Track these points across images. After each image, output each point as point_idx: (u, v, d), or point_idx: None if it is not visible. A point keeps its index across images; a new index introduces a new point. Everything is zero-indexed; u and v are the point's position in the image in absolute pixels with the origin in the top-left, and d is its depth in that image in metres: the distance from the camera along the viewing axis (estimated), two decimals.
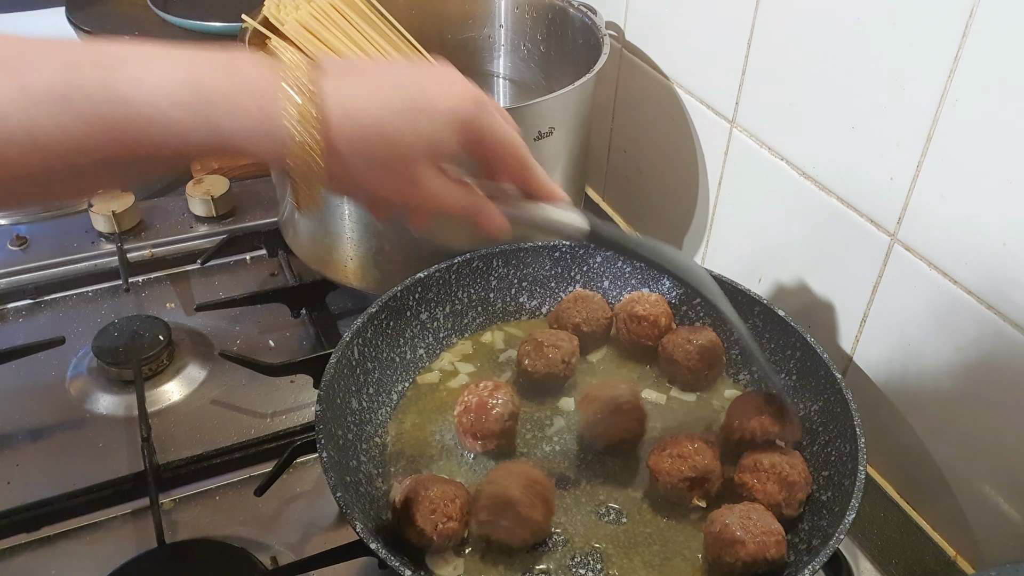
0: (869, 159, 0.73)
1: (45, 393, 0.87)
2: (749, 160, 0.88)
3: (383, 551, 0.59)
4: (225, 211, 1.10)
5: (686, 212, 1.01)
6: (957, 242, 0.67)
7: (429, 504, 0.64)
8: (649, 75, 1.01)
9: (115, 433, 0.83)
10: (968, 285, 0.67)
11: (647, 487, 0.72)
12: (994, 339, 0.66)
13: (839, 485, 0.67)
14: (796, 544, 0.67)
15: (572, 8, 1.00)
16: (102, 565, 0.70)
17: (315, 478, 0.79)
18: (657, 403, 0.79)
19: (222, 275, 1.03)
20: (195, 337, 0.94)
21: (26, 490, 0.76)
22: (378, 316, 0.79)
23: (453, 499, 0.64)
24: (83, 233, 1.07)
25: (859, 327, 0.79)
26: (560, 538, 0.68)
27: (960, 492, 0.73)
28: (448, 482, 0.67)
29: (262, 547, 0.73)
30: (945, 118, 0.65)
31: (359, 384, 0.76)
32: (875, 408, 0.78)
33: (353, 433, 0.72)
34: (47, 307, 0.98)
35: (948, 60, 0.64)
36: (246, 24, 0.90)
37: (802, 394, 0.77)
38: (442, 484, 0.66)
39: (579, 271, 0.89)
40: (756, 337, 0.81)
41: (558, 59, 1.05)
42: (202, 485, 0.78)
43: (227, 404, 0.86)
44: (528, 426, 0.77)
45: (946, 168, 0.67)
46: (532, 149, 0.82)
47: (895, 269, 0.74)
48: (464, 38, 1.10)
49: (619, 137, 1.12)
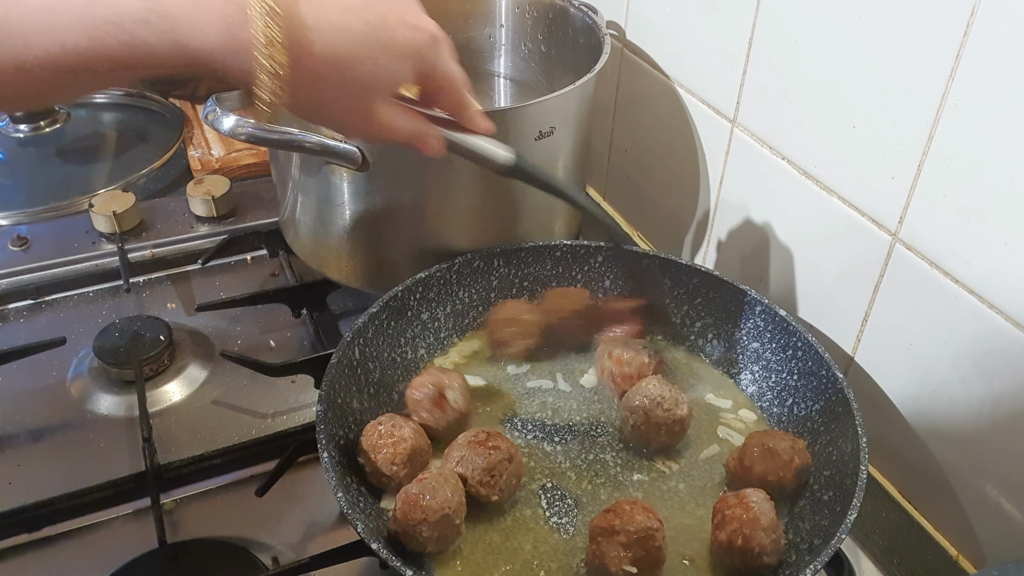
0: (870, 158, 0.73)
1: (46, 393, 0.87)
2: (750, 160, 0.88)
3: (384, 551, 0.59)
4: (226, 211, 1.10)
5: (687, 211, 1.01)
6: (959, 241, 0.67)
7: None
8: (650, 75, 1.01)
9: (116, 433, 0.83)
10: (970, 284, 0.67)
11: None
12: (996, 338, 0.66)
13: (841, 484, 0.67)
14: (797, 544, 0.67)
15: (573, 8, 1.00)
16: (103, 565, 0.70)
17: (316, 478, 0.79)
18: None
19: (223, 275, 1.03)
20: (196, 337, 0.94)
21: (27, 490, 0.76)
22: (379, 316, 0.79)
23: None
24: (84, 233, 1.07)
25: (860, 327, 0.79)
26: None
27: (962, 491, 0.73)
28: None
29: (263, 547, 0.73)
30: (947, 117, 0.65)
31: (360, 384, 0.76)
32: (877, 408, 0.78)
33: (354, 433, 0.72)
34: (48, 307, 0.98)
35: (950, 59, 0.64)
36: None
37: (803, 394, 0.77)
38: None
39: (579, 271, 0.89)
40: (758, 337, 0.81)
41: (559, 59, 1.05)
42: (203, 485, 0.78)
43: (228, 404, 0.86)
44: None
45: (948, 167, 0.67)
46: (533, 149, 0.83)
47: (896, 268, 0.73)
48: (465, 38, 1.10)
49: (620, 137, 1.12)
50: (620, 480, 0.73)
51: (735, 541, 0.63)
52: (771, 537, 0.63)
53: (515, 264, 0.87)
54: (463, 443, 0.69)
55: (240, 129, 0.79)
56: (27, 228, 1.07)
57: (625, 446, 0.76)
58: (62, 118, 1.28)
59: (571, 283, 0.89)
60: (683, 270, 0.85)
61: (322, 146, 0.79)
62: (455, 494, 0.65)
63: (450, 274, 0.84)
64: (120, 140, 1.29)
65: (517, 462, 0.69)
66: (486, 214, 0.87)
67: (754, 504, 0.64)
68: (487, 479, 0.67)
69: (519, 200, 0.88)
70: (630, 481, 0.73)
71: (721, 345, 0.84)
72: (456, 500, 0.65)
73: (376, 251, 0.87)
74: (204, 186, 1.10)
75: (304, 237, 0.93)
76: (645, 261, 0.87)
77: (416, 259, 0.86)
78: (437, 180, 0.83)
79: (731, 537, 0.64)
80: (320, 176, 0.85)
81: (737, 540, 0.63)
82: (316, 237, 0.91)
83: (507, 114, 0.86)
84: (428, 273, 0.83)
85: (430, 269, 0.83)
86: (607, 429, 0.77)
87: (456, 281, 0.85)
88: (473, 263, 0.85)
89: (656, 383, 0.74)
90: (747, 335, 0.82)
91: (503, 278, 0.87)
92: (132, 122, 1.31)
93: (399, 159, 0.80)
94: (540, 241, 0.88)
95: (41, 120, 1.26)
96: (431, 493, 0.63)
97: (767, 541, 0.63)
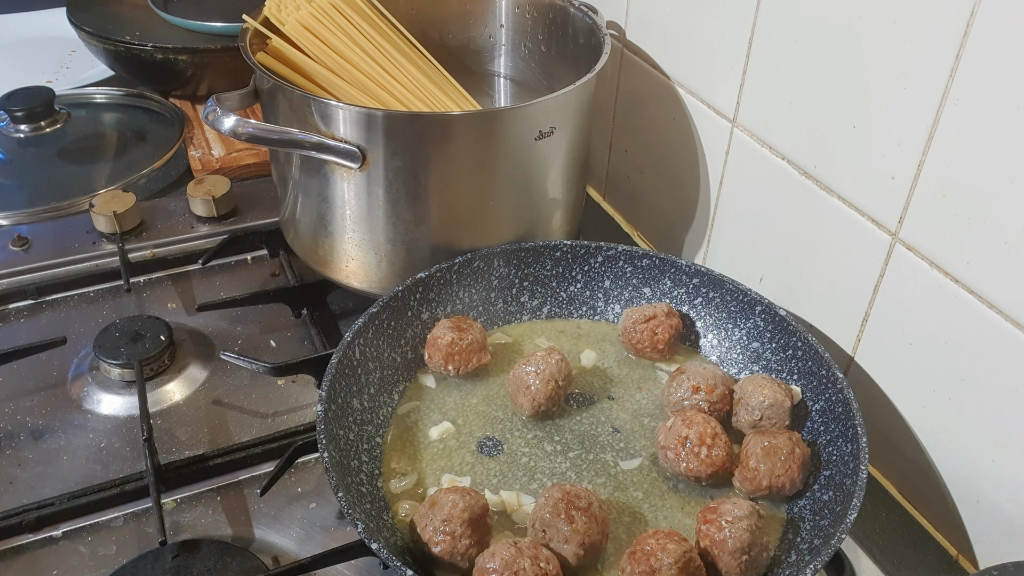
0: (870, 158, 0.73)
1: (47, 393, 0.87)
2: (750, 159, 0.88)
3: (384, 551, 0.59)
4: (226, 211, 1.10)
5: (687, 211, 1.01)
6: (959, 241, 0.67)
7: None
8: (650, 75, 1.01)
9: (117, 433, 0.83)
10: (970, 284, 0.67)
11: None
12: (996, 338, 0.66)
13: (841, 485, 0.67)
14: (798, 544, 0.67)
15: (573, 8, 1.00)
16: (104, 565, 0.70)
17: (317, 478, 0.79)
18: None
19: (223, 275, 1.03)
20: (196, 337, 0.94)
21: (28, 490, 0.76)
22: (379, 316, 0.79)
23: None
24: (84, 233, 1.07)
25: (861, 327, 0.79)
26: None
27: (962, 491, 0.73)
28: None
29: (264, 547, 0.73)
30: (947, 117, 0.65)
31: (360, 384, 0.76)
32: (877, 408, 0.78)
33: (355, 433, 0.72)
34: (48, 307, 0.98)
35: (950, 59, 0.64)
36: (247, 24, 0.91)
37: (804, 394, 0.77)
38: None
39: (580, 271, 0.89)
40: (758, 337, 0.81)
41: (559, 59, 1.05)
42: (204, 485, 0.78)
43: (229, 404, 0.86)
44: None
45: (947, 167, 0.67)
46: (533, 148, 0.83)
47: (896, 268, 0.74)
48: (465, 38, 1.10)
49: (620, 137, 1.12)
50: (620, 480, 0.73)
51: (705, 559, 0.63)
52: (739, 560, 0.62)
53: (515, 264, 0.88)
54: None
55: (240, 129, 0.79)
56: (27, 228, 1.07)
57: (640, 457, 0.76)
58: (62, 118, 1.28)
59: (571, 283, 0.89)
60: (683, 270, 0.86)
61: (322, 146, 0.80)
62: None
63: (450, 274, 0.84)
64: (120, 140, 1.29)
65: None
66: (486, 214, 0.87)
67: (726, 525, 0.63)
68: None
69: (519, 200, 0.88)
70: (630, 481, 0.73)
71: (721, 345, 0.84)
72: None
73: (376, 251, 0.87)
74: (204, 186, 1.10)
75: (304, 237, 0.93)
76: (646, 261, 0.87)
77: (416, 259, 0.87)
78: (437, 180, 0.83)
79: (703, 554, 0.64)
80: (320, 176, 0.85)
81: (707, 558, 0.63)
82: (316, 237, 0.91)
83: (507, 114, 0.86)
84: (428, 273, 0.83)
85: (430, 269, 0.83)
86: (607, 428, 0.77)
87: (456, 281, 0.85)
88: (473, 263, 0.85)
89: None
90: (747, 335, 0.82)
91: (503, 278, 0.87)
92: (132, 122, 1.31)
93: (399, 159, 0.81)
94: (540, 241, 0.88)
95: (41, 120, 1.26)
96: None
97: (733, 564, 0.62)
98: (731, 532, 0.62)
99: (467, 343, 0.79)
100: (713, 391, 0.75)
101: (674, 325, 0.82)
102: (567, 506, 0.64)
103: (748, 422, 0.74)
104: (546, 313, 0.89)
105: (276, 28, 0.91)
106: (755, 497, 0.70)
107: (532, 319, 0.89)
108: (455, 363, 0.79)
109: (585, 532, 0.63)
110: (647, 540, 0.63)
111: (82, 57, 1.44)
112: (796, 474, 0.69)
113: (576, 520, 0.63)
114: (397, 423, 0.77)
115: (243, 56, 0.86)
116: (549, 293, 0.89)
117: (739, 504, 0.64)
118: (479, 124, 0.83)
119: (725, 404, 0.76)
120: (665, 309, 0.83)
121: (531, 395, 0.75)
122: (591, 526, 0.63)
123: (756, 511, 0.64)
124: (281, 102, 0.84)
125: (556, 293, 0.89)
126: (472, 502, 0.64)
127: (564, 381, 0.76)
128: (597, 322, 0.89)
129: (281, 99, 0.84)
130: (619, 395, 0.81)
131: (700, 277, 0.85)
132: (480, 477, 0.73)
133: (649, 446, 0.76)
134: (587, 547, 0.63)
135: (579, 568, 0.64)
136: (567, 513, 0.63)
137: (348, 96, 0.89)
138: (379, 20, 0.95)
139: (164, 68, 1.27)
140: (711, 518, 0.64)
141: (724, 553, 0.62)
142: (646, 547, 0.62)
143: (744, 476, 0.70)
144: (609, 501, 0.71)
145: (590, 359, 0.84)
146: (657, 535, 0.63)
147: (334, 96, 0.90)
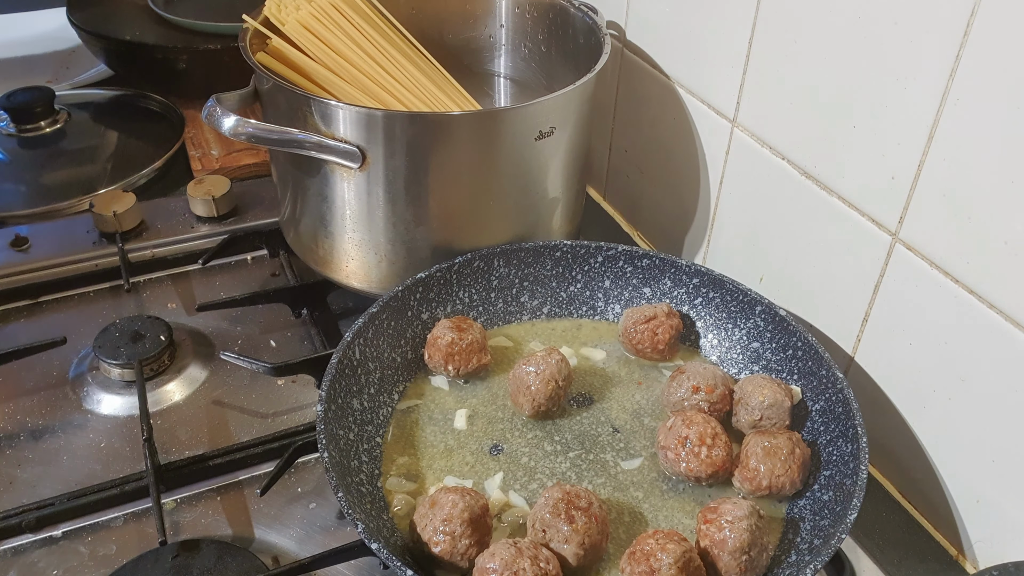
0: (871, 158, 0.73)
1: (47, 393, 0.87)
2: (750, 159, 0.88)
3: (384, 551, 0.59)
4: (226, 211, 1.10)
5: (687, 211, 1.01)
6: (959, 241, 0.67)
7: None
8: (650, 75, 1.01)
9: (117, 433, 0.83)
10: (970, 284, 0.67)
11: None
12: (996, 338, 0.66)
13: (841, 485, 0.67)
14: (798, 544, 0.67)
15: (573, 8, 1.00)
16: (104, 565, 0.71)
17: (317, 478, 0.79)
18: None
19: (223, 275, 1.03)
20: (196, 337, 0.94)
21: (28, 490, 0.76)
22: (379, 316, 0.79)
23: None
24: (84, 233, 1.07)
25: (861, 327, 0.79)
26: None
27: (961, 491, 0.73)
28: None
29: (264, 547, 0.73)
30: (947, 117, 0.65)
31: (360, 384, 0.76)
32: (877, 408, 0.78)
33: (355, 433, 0.72)
34: (48, 307, 0.98)
35: (950, 59, 0.64)
36: (247, 24, 0.91)
37: (804, 394, 0.77)
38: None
39: (580, 271, 0.89)
40: (758, 337, 0.81)
41: (559, 58, 1.05)
42: (204, 485, 0.78)
43: (229, 404, 0.86)
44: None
45: (948, 167, 0.67)
46: (533, 148, 0.83)
47: (897, 268, 0.74)
48: (465, 38, 1.10)
49: (620, 137, 1.12)
50: (620, 480, 0.73)
51: (705, 559, 0.63)
52: (739, 560, 0.62)
53: (515, 264, 0.88)
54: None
55: (240, 129, 0.79)
56: (27, 228, 1.07)
57: (636, 453, 0.76)
58: (62, 118, 1.28)
59: (571, 283, 0.89)
60: (683, 270, 0.86)
61: (322, 146, 0.79)
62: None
63: (450, 274, 0.84)
64: (120, 140, 1.29)
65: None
66: (486, 214, 0.87)
67: (726, 525, 0.63)
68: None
69: (519, 200, 0.88)
70: (630, 481, 0.73)
71: (721, 345, 0.84)
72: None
73: (376, 251, 0.87)
74: (204, 186, 1.10)
75: (304, 237, 0.93)
76: (646, 261, 0.87)
77: (416, 259, 0.87)
78: (437, 180, 0.83)
79: (702, 554, 0.64)
80: (320, 176, 0.85)
81: (707, 558, 0.63)
82: (316, 237, 0.91)
83: (507, 114, 0.86)
84: (428, 273, 0.83)
85: (430, 269, 0.83)
86: (607, 428, 0.77)
87: (456, 281, 0.85)
88: (473, 263, 0.85)
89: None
90: (747, 335, 0.82)
91: (503, 278, 0.88)
92: (132, 122, 1.31)
93: (399, 159, 0.81)
94: (540, 241, 0.88)
95: (41, 120, 1.26)
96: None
97: (733, 564, 0.62)
98: (731, 532, 0.62)
99: (467, 343, 0.79)
100: (713, 391, 0.75)
101: (674, 325, 0.82)
102: (567, 506, 0.64)
103: (748, 422, 0.74)
104: (546, 313, 0.89)
105: (276, 28, 0.91)
106: (755, 497, 0.70)
107: (532, 319, 0.89)
108: (455, 363, 0.79)
109: (585, 532, 0.63)
110: (647, 540, 0.62)
111: (82, 57, 1.44)
112: (796, 474, 0.69)
113: (576, 520, 0.63)
114: (397, 423, 0.77)
115: (243, 56, 0.86)
116: (549, 293, 0.89)
117: (739, 504, 0.64)
118: (479, 124, 0.83)
119: (725, 404, 0.76)
120: (665, 309, 0.83)
121: (531, 395, 0.75)
122: (591, 526, 0.63)
123: (756, 511, 0.64)
124: (281, 102, 0.84)
125: (556, 293, 0.89)
126: (472, 502, 0.64)
127: (564, 381, 0.76)
128: (597, 322, 0.89)
129: (281, 99, 0.84)
130: (619, 395, 0.81)
131: (700, 277, 0.85)
132: (480, 477, 0.73)
133: (649, 446, 0.76)
134: (587, 547, 0.63)
135: (579, 568, 0.64)
136: (567, 513, 0.63)
137: (348, 96, 0.89)
138: (379, 20, 0.95)
139: (164, 68, 1.27)
140: (711, 518, 0.64)
141: (724, 553, 0.62)
142: (646, 547, 0.62)
143: (744, 476, 0.70)
144: (609, 501, 0.71)
145: (590, 359, 0.84)
146: (657, 535, 0.63)
147: (334, 96, 0.90)
